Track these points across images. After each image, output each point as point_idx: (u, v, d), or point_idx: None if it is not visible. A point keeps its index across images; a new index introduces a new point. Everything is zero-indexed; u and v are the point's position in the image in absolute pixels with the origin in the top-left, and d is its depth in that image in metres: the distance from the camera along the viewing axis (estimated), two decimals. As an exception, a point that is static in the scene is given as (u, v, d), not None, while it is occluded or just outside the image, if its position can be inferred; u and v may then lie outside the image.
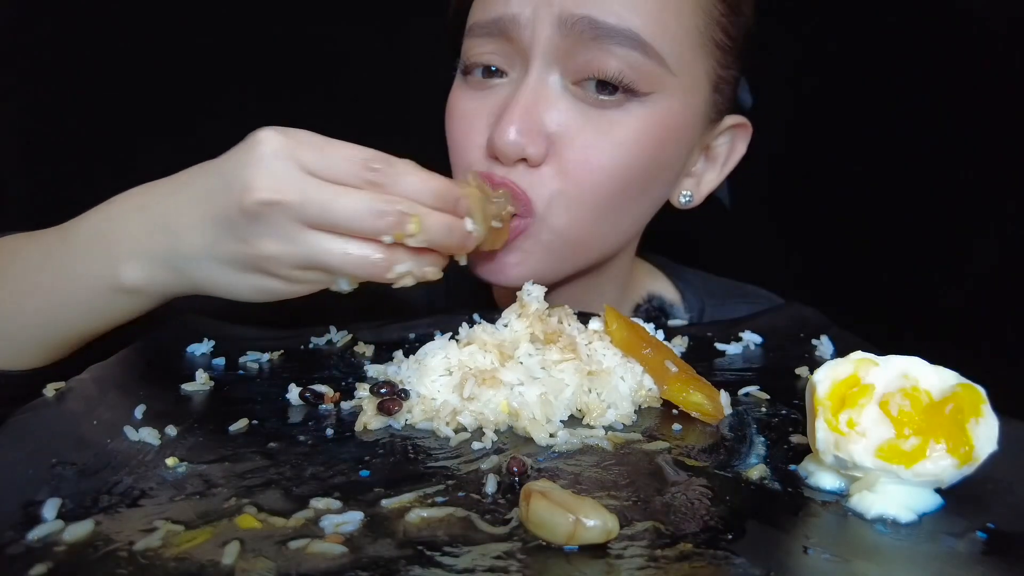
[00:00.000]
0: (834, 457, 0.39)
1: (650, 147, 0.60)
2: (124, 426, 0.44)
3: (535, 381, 0.49)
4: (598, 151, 0.58)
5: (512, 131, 0.56)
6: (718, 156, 0.69)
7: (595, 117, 0.58)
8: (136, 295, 0.52)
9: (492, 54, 0.60)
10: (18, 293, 0.53)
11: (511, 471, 0.41)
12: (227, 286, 0.50)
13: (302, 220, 0.45)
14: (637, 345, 0.52)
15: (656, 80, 0.58)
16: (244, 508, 0.37)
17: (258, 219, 0.45)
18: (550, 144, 0.58)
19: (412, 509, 0.37)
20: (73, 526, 0.34)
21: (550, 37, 0.57)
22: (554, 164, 0.59)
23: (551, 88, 0.58)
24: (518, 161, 0.58)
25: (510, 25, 0.58)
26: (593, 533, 0.33)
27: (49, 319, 0.54)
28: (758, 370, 0.59)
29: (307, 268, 0.47)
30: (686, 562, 0.33)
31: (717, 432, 0.48)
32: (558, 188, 0.59)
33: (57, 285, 0.52)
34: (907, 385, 0.40)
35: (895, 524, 0.37)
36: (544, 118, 0.58)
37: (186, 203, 0.49)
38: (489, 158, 0.60)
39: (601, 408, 0.48)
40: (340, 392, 0.51)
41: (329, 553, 0.33)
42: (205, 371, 0.54)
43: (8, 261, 0.55)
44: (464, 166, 0.62)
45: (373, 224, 0.46)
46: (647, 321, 0.59)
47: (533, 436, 0.45)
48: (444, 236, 0.49)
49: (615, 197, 0.60)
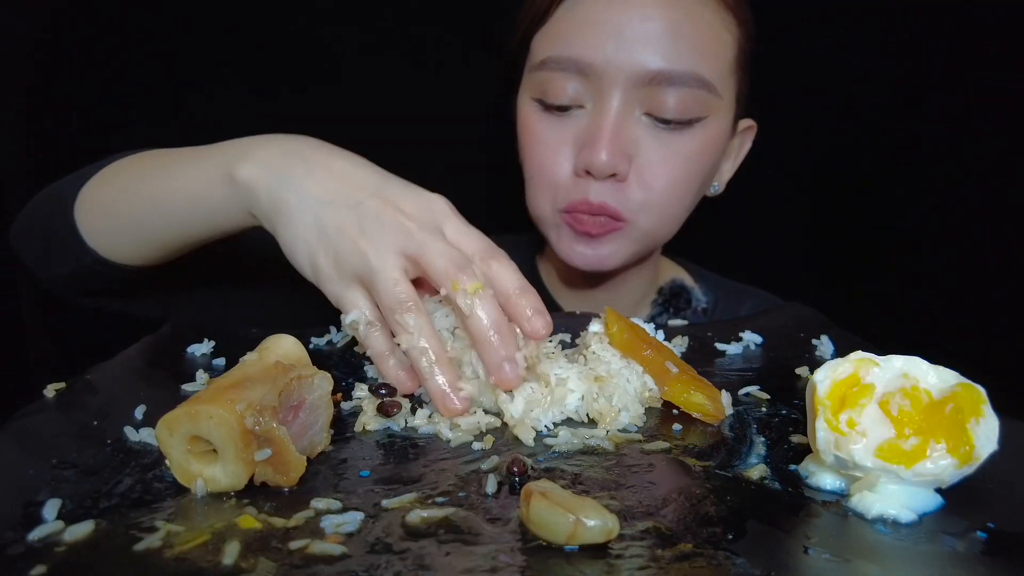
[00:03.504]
0: (834, 457, 0.39)
1: (707, 157, 0.73)
2: (124, 426, 0.44)
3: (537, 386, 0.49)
4: (671, 166, 0.71)
5: (604, 154, 0.68)
6: (731, 152, 0.81)
7: (666, 139, 0.70)
8: (238, 191, 0.55)
9: (570, 88, 0.70)
10: (157, 195, 0.61)
11: (511, 471, 0.41)
12: (294, 232, 0.52)
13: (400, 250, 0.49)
14: (638, 346, 0.52)
15: (710, 105, 0.70)
16: (244, 508, 0.37)
17: (378, 219, 0.50)
18: (631, 162, 0.70)
19: (412, 509, 0.37)
20: (73, 527, 0.34)
21: (626, 82, 0.68)
22: (635, 177, 0.71)
23: (629, 118, 0.69)
24: (608, 177, 0.69)
25: (587, 67, 0.68)
26: (593, 533, 0.33)
27: (170, 216, 0.61)
28: (758, 370, 0.59)
29: (354, 283, 0.51)
30: (686, 562, 0.33)
31: (717, 432, 0.48)
32: (642, 199, 0.71)
33: (185, 183, 0.59)
34: (907, 385, 0.40)
35: (895, 524, 0.37)
36: (626, 142, 0.69)
37: (339, 159, 0.54)
38: (577, 177, 0.71)
39: (614, 412, 0.48)
40: (340, 392, 0.51)
41: (329, 553, 0.33)
42: (205, 371, 0.54)
43: (153, 166, 0.64)
44: (550, 184, 0.73)
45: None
46: (670, 300, 0.69)
47: (522, 439, 0.46)
48: None
49: (683, 198, 0.74)
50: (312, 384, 0.42)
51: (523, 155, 0.76)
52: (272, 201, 0.53)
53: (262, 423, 0.38)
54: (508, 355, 0.48)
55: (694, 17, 0.68)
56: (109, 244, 0.64)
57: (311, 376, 0.42)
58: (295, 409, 0.41)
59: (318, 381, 0.42)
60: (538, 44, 0.72)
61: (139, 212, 0.62)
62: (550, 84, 0.70)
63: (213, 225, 0.60)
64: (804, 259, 1.07)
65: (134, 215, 0.63)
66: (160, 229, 0.63)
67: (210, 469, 0.38)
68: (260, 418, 0.38)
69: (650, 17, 0.67)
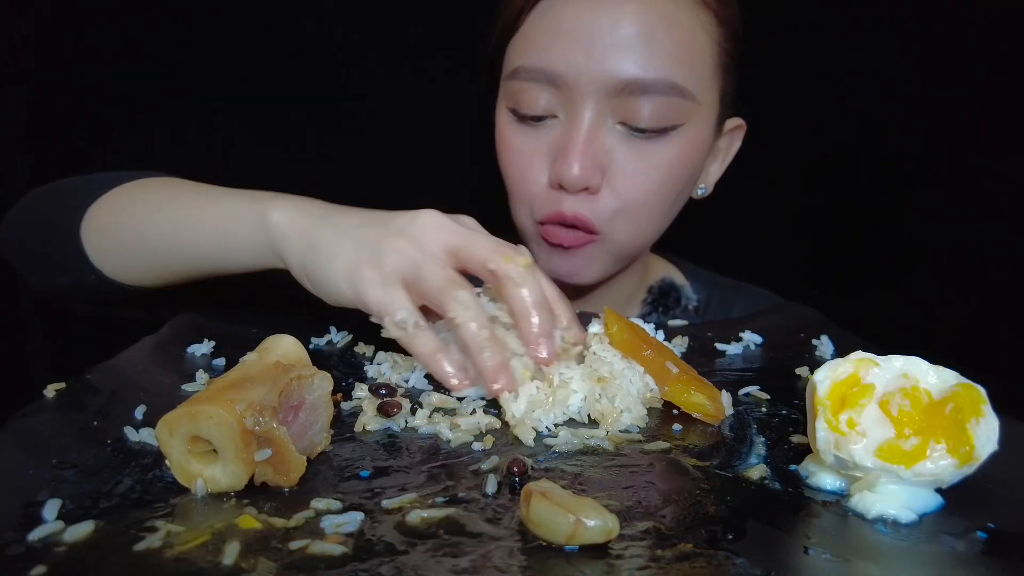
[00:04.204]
0: (834, 457, 0.39)
1: (685, 164, 0.70)
2: (124, 426, 0.44)
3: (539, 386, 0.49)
4: (645, 176, 0.68)
5: (576, 167, 0.65)
6: (719, 152, 0.78)
7: (640, 148, 0.67)
8: (269, 233, 0.56)
9: (542, 99, 0.67)
10: (179, 224, 0.61)
11: (511, 471, 0.41)
12: (333, 261, 0.53)
13: (443, 244, 0.52)
14: (638, 347, 0.52)
15: (688, 112, 0.67)
16: (244, 508, 0.37)
17: (415, 223, 0.52)
18: (604, 173, 0.67)
19: (412, 509, 0.37)
20: (73, 527, 0.34)
21: (598, 92, 0.65)
22: (609, 189, 0.68)
23: (602, 128, 0.67)
24: (580, 190, 0.67)
25: (558, 77, 0.65)
26: (593, 533, 0.33)
27: (189, 249, 0.61)
28: (758, 370, 0.59)
29: (397, 284, 0.52)
30: (686, 562, 0.33)
31: (717, 432, 0.48)
32: (615, 208, 0.68)
33: (211, 217, 0.59)
34: (907, 385, 0.40)
35: (895, 524, 0.37)
36: (599, 153, 0.67)
37: (347, 212, 0.57)
38: (551, 189, 0.69)
39: (616, 414, 0.48)
40: (340, 392, 0.51)
41: (329, 553, 0.33)
42: (205, 371, 0.54)
43: (173, 195, 0.64)
44: (527, 194, 0.71)
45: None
46: (659, 299, 0.67)
47: (522, 439, 0.45)
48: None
49: (660, 208, 0.71)
50: (312, 384, 0.42)
51: (501, 166, 0.74)
52: (307, 239, 0.55)
53: (262, 423, 0.38)
54: (547, 331, 0.50)
55: (668, 21, 0.64)
56: (117, 266, 0.64)
57: (311, 376, 0.42)
58: (295, 409, 0.41)
59: (318, 381, 0.42)
60: (511, 52, 0.70)
61: (157, 241, 0.62)
62: (522, 95, 0.68)
63: (232, 261, 0.61)
64: (804, 259, 1.07)
65: (151, 243, 0.63)
66: (175, 259, 0.63)
67: (210, 469, 0.38)
68: (260, 418, 0.38)
69: (621, 24, 0.63)
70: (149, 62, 1.00)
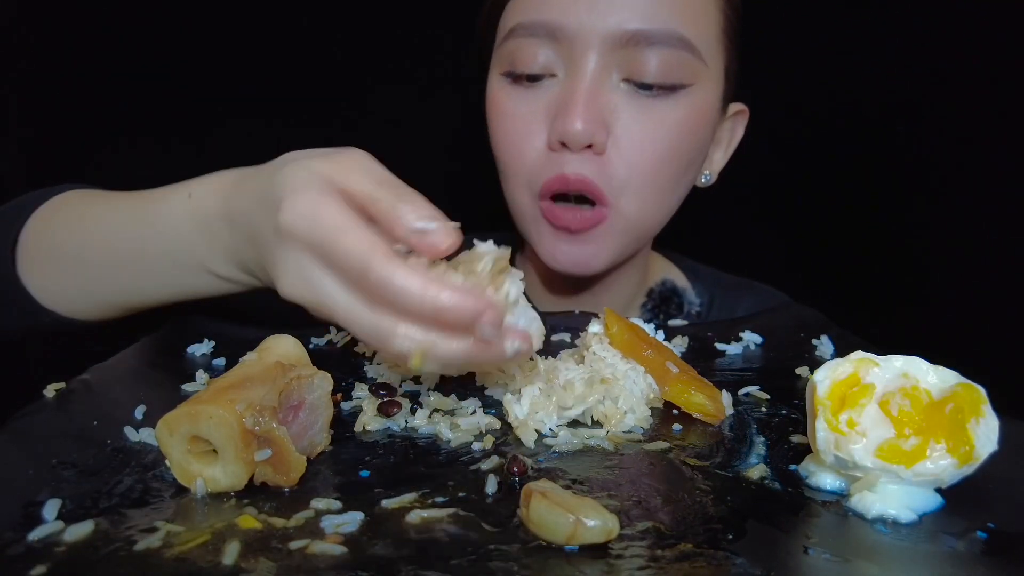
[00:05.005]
0: (834, 457, 0.39)
1: (694, 130, 0.66)
2: (124, 426, 0.44)
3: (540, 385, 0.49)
4: (652, 137, 0.64)
5: (579, 122, 0.61)
6: (722, 139, 0.75)
7: (647, 107, 0.63)
8: (227, 282, 0.54)
9: (541, 55, 0.64)
10: (103, 258, 0.56)
11: (511, 471, 0.41)
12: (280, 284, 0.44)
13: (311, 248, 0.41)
14: (638, 347, 0.52)
15: (696, 72, 0.64)
16: (244, 508, 0.37)
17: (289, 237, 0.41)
18: (608, 132, 0.63)
19: (412, 509, 0.37)
20: (73, 527, 0.34)
21: (601, 44, 0.61)
22: (615, 151, 0.63)
23: (606, 83, 0.63)
24: (584, 148, 0.62)
25: (558, 30, 0.62)
26: (593, 533, 0.33)
27: (132, 284, 0.57)
28: (758, 370, 0.59)
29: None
30: (686, 562, 0.33)
31: (717, 432, 0.48)
32: (625, 176, 0.64)
33: (146, 257, 0.54)
34: (907, 385, 0.40)
35: (895, 524, 0.37)
36: (603, 109, 0.62)
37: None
38: (551, 151, 0.64)
39: (619, 415, 0.48)
40: (340, 392, 0.51)
41: (329, 553, 0.33)
42: (205, 371, 0.54)
43: (92, 223, 0.57)
44: (523, 164, 0.66)
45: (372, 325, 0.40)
46: (660, 305, 0.62)
47: (523, 440, 0.45)
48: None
49: (670, 178, 0.67)
50: (312, 384, 0.42)
51: (493, 138, 0.69)
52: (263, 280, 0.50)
53: (262, 423, 0.38)
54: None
55: None
56: (65, 303, 0.59)
57: (311, 376, 0.42)
58: (295, 409, 0.41)
59: (318, 381, 0.42)
60: (507, 16, 0.66)
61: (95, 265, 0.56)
62: (519, 52, 0.64)
63: (194, 296, 0.56)
64: (804, 259, 1.07)
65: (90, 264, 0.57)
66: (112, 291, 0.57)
67: (210, 469, 0.38)
68: (260, 418, 0.38)
69: None
70: (148, 63, 1.00)
